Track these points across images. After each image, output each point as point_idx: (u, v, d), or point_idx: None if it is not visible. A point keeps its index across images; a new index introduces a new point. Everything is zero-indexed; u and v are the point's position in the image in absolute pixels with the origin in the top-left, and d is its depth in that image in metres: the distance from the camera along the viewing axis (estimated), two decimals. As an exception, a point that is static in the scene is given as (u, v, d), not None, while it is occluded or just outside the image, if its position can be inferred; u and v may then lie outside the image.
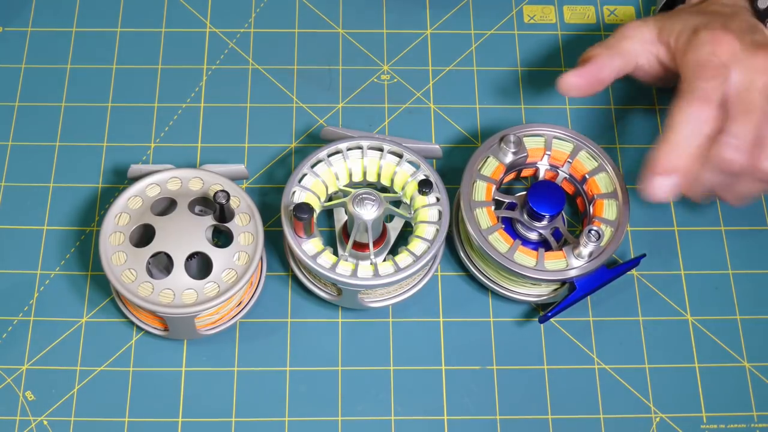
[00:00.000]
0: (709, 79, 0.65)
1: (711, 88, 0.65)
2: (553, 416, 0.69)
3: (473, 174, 0.70)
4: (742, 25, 0.68)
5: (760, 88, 0.65)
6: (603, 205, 0.70)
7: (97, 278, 0.72)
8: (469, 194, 0.69)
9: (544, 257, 0.67)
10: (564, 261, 0.67)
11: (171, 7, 0.82)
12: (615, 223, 0.69)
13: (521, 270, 0.67)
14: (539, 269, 0.67)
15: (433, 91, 0.80)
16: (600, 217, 0.69)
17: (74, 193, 0.75)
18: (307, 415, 0.68)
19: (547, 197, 0.69)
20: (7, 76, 0.79)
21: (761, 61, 0.65)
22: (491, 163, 0.71)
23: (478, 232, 0.68)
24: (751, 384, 0.70)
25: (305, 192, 0.69)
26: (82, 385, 0.68)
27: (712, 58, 0.66)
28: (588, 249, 0.67)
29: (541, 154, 0.72)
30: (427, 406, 0.69)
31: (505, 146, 0.70)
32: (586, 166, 0.71)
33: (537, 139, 0.72)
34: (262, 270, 0.71)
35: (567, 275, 0.67)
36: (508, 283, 0.70)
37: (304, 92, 0.79)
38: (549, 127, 0.72)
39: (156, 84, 0.79)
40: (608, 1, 0.85)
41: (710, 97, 0.65)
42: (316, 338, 0.71)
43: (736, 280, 0.74)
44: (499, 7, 0.84)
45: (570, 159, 0.71)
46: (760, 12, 0.70)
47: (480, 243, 0.67)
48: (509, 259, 0.67)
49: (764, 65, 0.65)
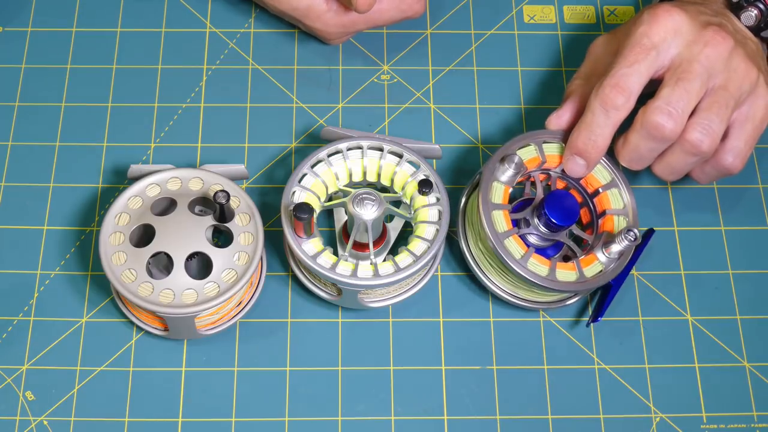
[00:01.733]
0: (632, 64, 0.65)
1: (630, 72, 0.65)
2: (553, 416, 0.69)
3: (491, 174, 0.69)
4: (702, 9, 0.68)
5: (701, 59, 0.65)
6: (613, 221, 0.69)
7: (97, 278, 0.72)
8: (487, 194, 0.68)
9: (556, 267, 0.67)
10: (574, 273, 0.67)
11: (171, 7, 0.82)
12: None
13: (533, 278, 0.66)
14: (550, 279, 0.66)
15: (433, 91, 0.80)
16: (609, 232, 0.69)
17: (74, 193, 0.75)
18: (307, 415, 0.68)
19: (564, 208, 0.68)
20: (7, 76, 0.79)
21: (707, 35, 0.65)
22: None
23: (494, 234, 0.67)
24: (751, 384, 0.70)
25: (305, 192, 0.69)
26: (82, 385, 0.68)
27: (643, 40, 0.66)
28: (621, 247, 0.67)
29: (557, 162, 0.71)
30: (427, 406, 0.69)
31: (507, 165, 0.69)
32: (600, 180, 0.71)
33: (554, 146, 0.71)
34: (262, 270, 0.71)
35: (589, 284, 0.67)
36: (514, 288, 0.70)
37: (304, 92, 0.79)
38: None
39: (156, 84, 0.79)
40: (608, 1, 0.85)
41: (626, 84, 0.65)
42: (316, 338, 0.71)
43: (736, 280, 0.74)
44: (499, 7, 0.84)
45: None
46: (733, 3, 0.70)
47: (496, 246, 0.66)
48: (523, 266, 0.66)
49: (710, 38, 0.65)
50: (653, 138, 0.66)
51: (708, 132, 0.65)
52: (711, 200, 0.76)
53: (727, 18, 0.69)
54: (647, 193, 0.76)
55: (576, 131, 0.68)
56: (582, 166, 0.69)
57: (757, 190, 0.77)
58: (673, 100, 0.65)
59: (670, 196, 0.76)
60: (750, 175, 0.77)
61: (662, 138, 0.65)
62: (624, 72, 0.65)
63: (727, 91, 0.65)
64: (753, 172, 0.77)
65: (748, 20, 0.70)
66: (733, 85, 0.66)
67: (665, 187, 0.77)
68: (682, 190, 0.77)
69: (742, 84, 0.66)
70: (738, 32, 0.69)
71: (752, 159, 0.78)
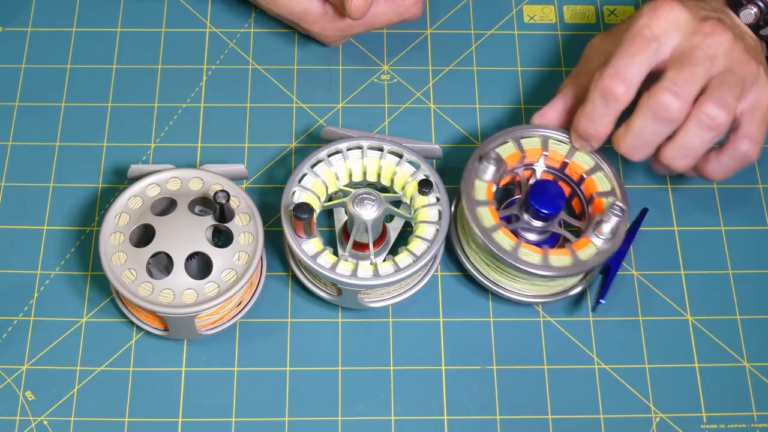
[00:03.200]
0: (634, 54, 0.65)
1: (631, 63, 0.65)
2: (553, 416, 0.69)
3: (473, 173, 0.70)
4: (700, 5, 0.68)
5: (703, 48, 0.65)
6: (602, 204, 0.70)
7: (97, 278, 0.72)
8: (469, 192, 0.69)
9: (549, 254, 0.67)
10: (569, 258, 0.67)
11: (171, 7, 0.82)
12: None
13: (526, 267, 0.66)
14: (545, 265, 0.67)
15: (433, 91, 0.80)
16: (599, 214, 0.69)
17: (74, 193, 0.75)
18: (307, 415, 0.68)
19: (548, 196, 0.68)
20: (7, 76, 0.79)
21: (706, 28, 0.65)
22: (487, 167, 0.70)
23: (481, 229, 0.67)
24: (751, 384, 0.70)
25: (305, 192, 0.69)
26: (82, 385, 0.68)
27: (644, 31, 0.66)
28: (611, 225, 0.67)
29: (539, 155, 0.72)
30: (427, 406, 0.69)
31: (486, 163, 0.69)
32: (583, 166, 0.71)
33: (533, 140, 0.72)
34: (262, 270, 0.71)
35: (585, 265, 0.67)
36: (511, 283, 0.70)
37: (304, 92, 0.79)
38: (545, 128, 0.72)
39: (156, 84, 0.79)
40: (608, 1, 0.85)
41: (626, 74, 0.65)
42: (316, 338, 0.71)
43: (736, 280, 0.74)
44: (499, 7, 0.84)
45: (567, 159, 0.71)
46: (731, 2, 0.71)
47: (484, 240, 0.67)
48: (515, 256, 0.67)
49: (709, 30, 0.65)
50: (660, 119, 0.65)
51: (723, 104, 0.64)
52: (711, 200, 0.76)
53: (726, 14, 0.69)
54: (647, 193, 0.76)
55: (576, 119, 0.68)
56: (587, 146, 0.70)
57: (757, 190, 0.77)
58: (679, 81, 0.64)
59: (670, 196, 0.76)
60: (750, 175, 0.77)
61: (669, 119, 0.65)
62: (625, 62, 0.65)
63: (734, 73, 0.65)
64: (753, 172, 0.77)
65: (747, 18, 0.70)
66: (738, 70, 0.66)
67: (665, 187, 0.77)
68: (682, 190, 0.77)
69: (745, 72, 0.66)
70: (736, 27, 0.69)
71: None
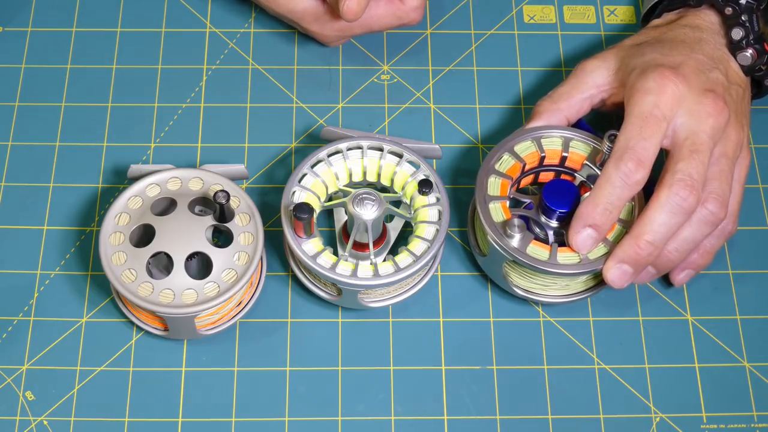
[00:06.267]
0: (649, 137, 0.66)
1: (649, 146, 0.66)
2: (553, 416, 0.69)
3: (489, 169, 0.69)
4: (699, 64, 0.69)
5: (707, 130, 0.66)
6: None
7: (97, 278, 0.72)
8: (484, 188, 0.69)
9: (557, 251, 0.67)
10: (577, 255, 0.67)
11: (171, 7, 0.82)
12: (629, 223, 0.68)
13: (533, 263, 0.66)
14: (552, 263, 0.67)
15: (433, 91, 0.80)
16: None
17: (74, 193, 0.75)
18: (307, 415, 0.68)
19: (562, 194, 0.68)
20: (7, 76, 0.79)
21: (708, 105, 0.66)
22: (507, 160, 0.70)
23: (492, 225, 0.67)
24: (751, 384, 0.70)
25: (305, 192, 0.69)
26: (82, 385, 0.68)
27: (655, 111, 0.66)
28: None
29: (558, 156, 0.71)
30: (427, 406, 0.69)
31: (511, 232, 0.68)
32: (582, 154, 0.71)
33: (554, 140, 0.71)
34: (262, 270, 0.71)
35: (594, 265, 0.67)
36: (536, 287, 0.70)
37: (304, 92, 0.79)
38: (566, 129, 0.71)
39: (156, 84, 0.79)
40: (608, 1, 0.85)
41: (645, 160, 0.65)
42: (316, 338, 0.71)
43: (736, 280, 0.74)
44: (499, 7, 0.84)
45: (587, 161, 0.71)
46: (734, 43, 0.71)
47: (494, 236, 0.67)
48: (522, 252, 0.66)
49: (711, 109, 0.66)
50: (679, 213, 0.65)
51: (723, 200, 0.67)
52: (711, 200, 0.76)
53: (723, 64, 0.70)
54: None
55: (592, 204, 0.66)
56: (593, 240, 0.67)
57: (758, 190, 0.77)
58: (693, 173, 0.65)
59: (670, 196, 0.76)
60: (750, 176, 0.77)
61: (687, 212, 0.66)
62: (644, 146, 0.66)
63: (728, 158, 0.67)
64: (753, 172, 0.77)
65: (744, 60, 0.71)
66: (731, 151, 0.68)
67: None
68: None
69: (735, 152, 0.68)
70: (728, 82, 0.69)
71: (753, 159, 0.78)
